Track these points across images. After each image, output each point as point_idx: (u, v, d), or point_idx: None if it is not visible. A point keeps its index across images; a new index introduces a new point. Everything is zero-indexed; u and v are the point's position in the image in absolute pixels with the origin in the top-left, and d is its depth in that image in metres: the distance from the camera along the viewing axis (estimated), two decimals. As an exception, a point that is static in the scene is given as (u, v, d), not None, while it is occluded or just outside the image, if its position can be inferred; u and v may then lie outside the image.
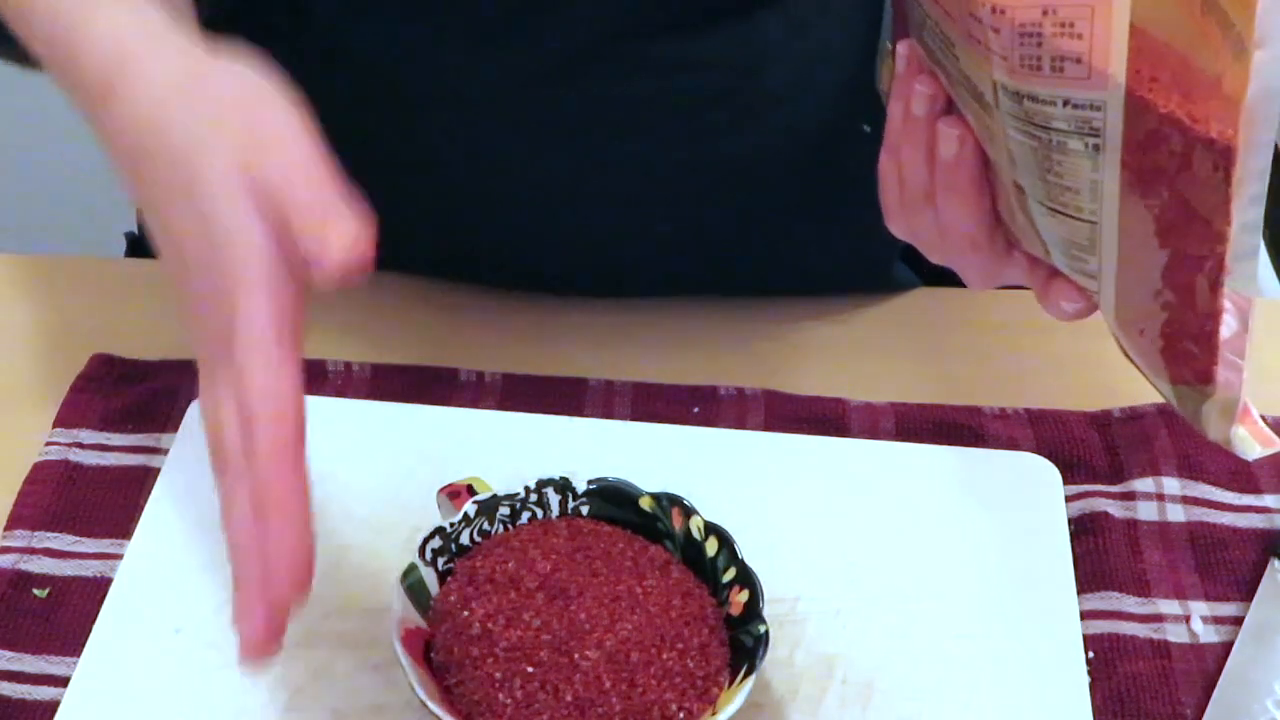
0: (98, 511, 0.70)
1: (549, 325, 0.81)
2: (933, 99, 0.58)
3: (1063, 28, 0.47)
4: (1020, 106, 0.51)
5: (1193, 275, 0.50)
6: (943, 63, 0.55)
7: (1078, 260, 0.55)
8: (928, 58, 0.57)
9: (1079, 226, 0.53)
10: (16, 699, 0.63)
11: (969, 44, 0.51)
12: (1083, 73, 0.48)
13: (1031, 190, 0.54)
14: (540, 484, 0.65)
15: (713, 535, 0.63)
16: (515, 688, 0.58)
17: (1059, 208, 0.53)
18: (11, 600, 0.66)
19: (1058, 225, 0.54)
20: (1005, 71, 0.50)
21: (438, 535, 0.63)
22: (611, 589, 0.61)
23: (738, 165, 0.78)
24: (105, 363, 0.77)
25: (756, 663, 0.59)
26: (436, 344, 0.80)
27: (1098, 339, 0.81)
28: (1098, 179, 0.51)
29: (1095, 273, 0.55)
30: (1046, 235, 0.55)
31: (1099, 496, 0.72)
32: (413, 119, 0.77)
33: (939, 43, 0.54)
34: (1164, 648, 0.66)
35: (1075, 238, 0.54)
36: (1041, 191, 0.53)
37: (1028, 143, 0.52)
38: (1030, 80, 0.49)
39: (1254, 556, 0.70)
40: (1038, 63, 0.49)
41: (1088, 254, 0.54)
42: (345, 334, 0.80)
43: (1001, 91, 0.51)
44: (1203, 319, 0.51)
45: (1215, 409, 0.54)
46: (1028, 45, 0.48)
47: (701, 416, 0.76)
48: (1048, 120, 0.50)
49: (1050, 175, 0.52)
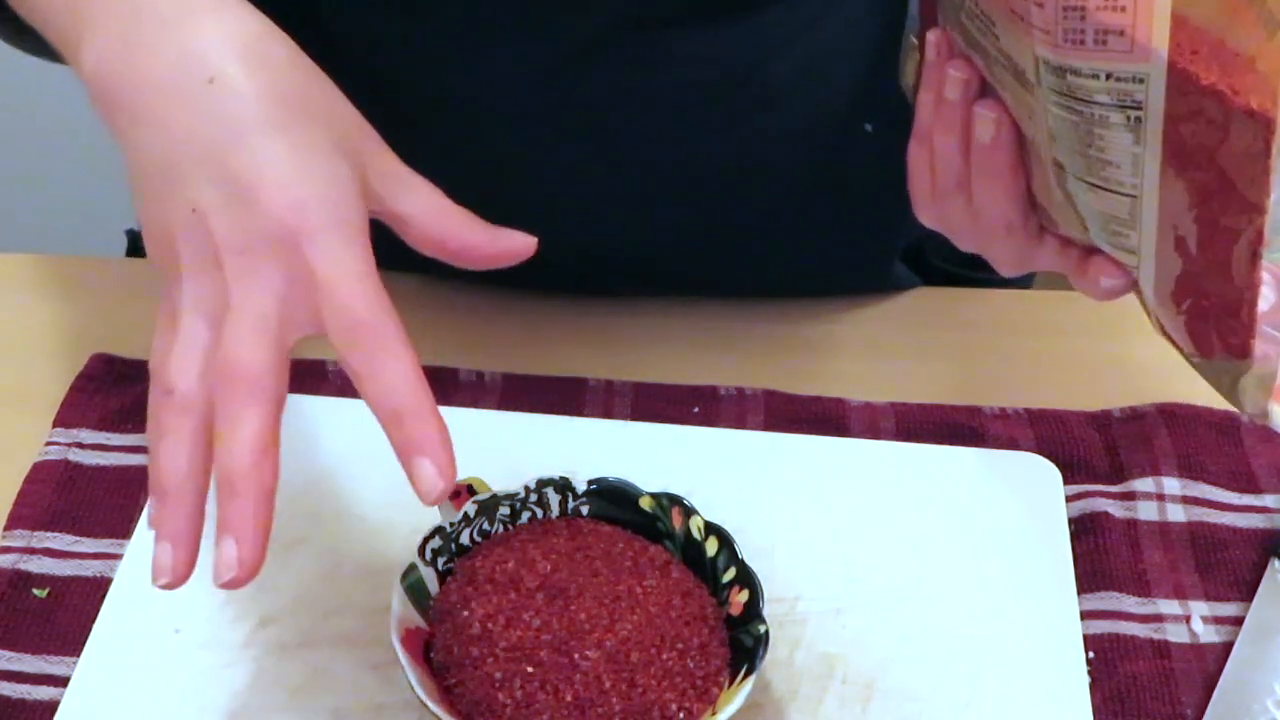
0: (98, 511, 0.70)
1: (549, 325, 0.81)
2: (967, 83, 0.58)
3: (1106, 1, 0.48)
4: (1062, 81, 0.51)
5: (1230, 247, 0.51)
6: (981, 43, 0.55)
7: (1118, 236, 0.55)
8: (963, 42, 0.57)
9: (1120, 201, 0.53)
10: (16, 699, 0.63)
11: (1011, 21, 0.52)
12: (1125, 45, 0.48)
13: (1072, 166, 0.54)
14: (540, 484, 0.65)
15: (713, 535, 0.63)
16: (515, 688, 0.58)
17: (1100, 183, 0.53)
18: (11, 600, 0.66)
19: (1098, 200, 0.54)
20: (1048, 46, 0.50)
21: (438, 535, 0.63)
22: (611, 589, 0.61)
23: (740, 162, 0.78)
24: (105, 363, 0.77)
25: (756, 663, 0.59)
26: (436, 344, 0.80)
27: (1098, 339, 0.81)
28: (1139, 152, 0.51)
29: (1135, 247, 0.55)
30: (1086, 212, 0.56)
31: (1099, 496, 0.72)
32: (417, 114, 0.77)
33: (978, 23, 0.55)
34: (1164, 648, 0.66)
35: (1116, 212, 0.54)
36: (1082, 167, 0.54)
37: (1069, 118, 0.52)
38: (1073, 54, 0.50)
39: (1254, 556, 0.70)
40: (1081, 36, 0.49)
41: (1128, 229, 0.55)
42: (345, 334, 0.80)
43: (1043, 67, 0.51)
44: (1241, 291, 0.52)
45: (1252, 382, 0.55)
46: (1071, 19, 0.49)
47: (701, 416, 0.76)
48: (1090, 94, 0.51)
49: (1091, 150, 0.52)
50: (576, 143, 0.76)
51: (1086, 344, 0.81)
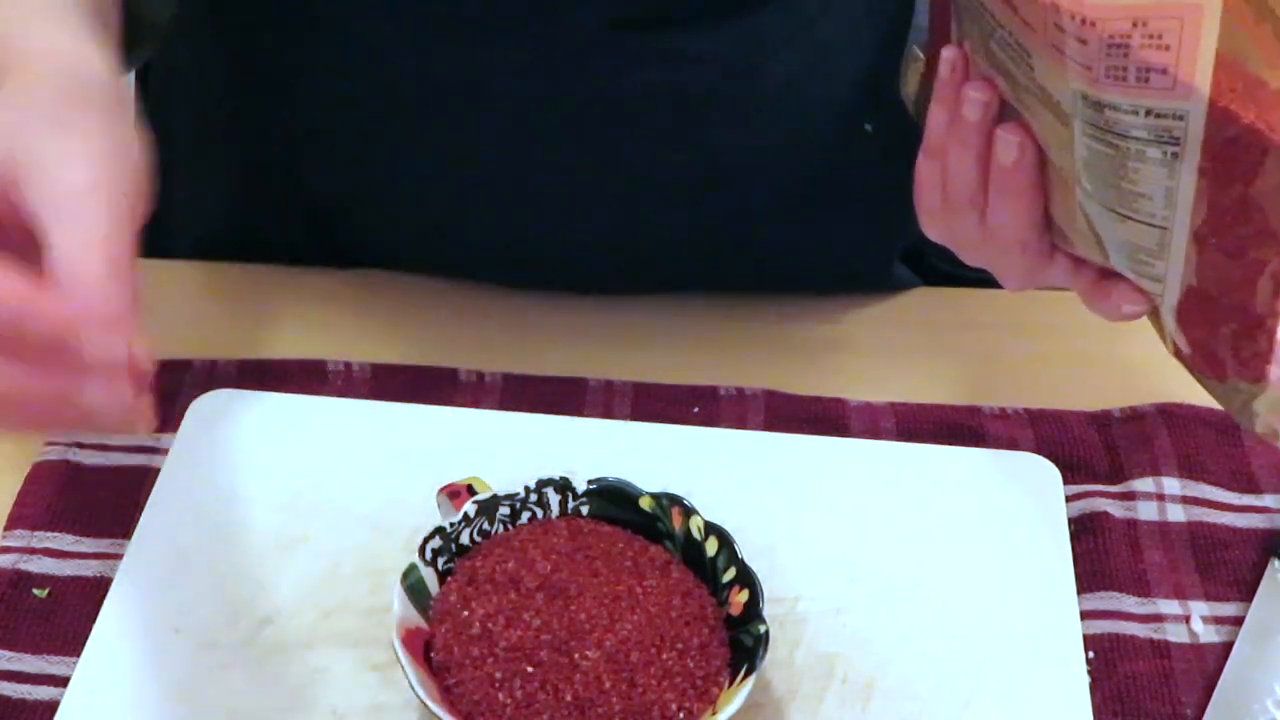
0: (98, 511, 0.70)
1: (549, 325, 0.81)
2: (987, 105, 0.58)
3: (1151, 39, 0.48)
4: (1100, 115, 0.51)
5: (1256, 278, 0.52)
6: (1011, 72, 0.56)
7: (1144, 265, 0.56)
8: (985, 65, 0.57)
9: (1149, 231, 0.54)
10: (16, 699, 0.63)
11: (1048, 54, 0.52)
12: (1168, 83, 0.49)
13: (1102, 197, 0.55)
14: (540, 484, 0.65)
15: (713, 535, 0.63)
16: (515, 688, 0.58)
17: (1130, 214, 0.54)
18: (11, 600, 0.66)
19: (1127, 231, 0.55)
20: (1087, 81, 0.50)
21: (438, 535, 0.63)
22: (611, 589, 0.61)
23: (738, 162, 0.78)
24: (105, 363, 0.76)
25: (756, 663, 0.59)
26: (436, 344, 0.80)
27: (1098, 339, 0.81)
28: (1172, 186, 0.52)
29: (1161, 276, 0.56)
30: (1111, 240, 0.56)
31: (1099, 496, 0.72)
32: (411, 115, 0.77)
33: (1011, 52, 0.55)
34: (1164, 648, 0.66)
35: (1144, 243, 0.55)
36: (1113, 198, 0.54)
37: (1104, 150, 0.53)
38: (1114, 90, 0.50)
39: (1254, 556, 0.70)
40: (1123, 74, 0.49)
41: (1155, 258, 0.55)
42: (345, 334, 0.80)
43: (1081, 101, 0.52)
44: (1262, 319, 0.53)
45: (1265, 405, 0.56)
46: (1114, 56, 0.49)
47: (701, 416, 0.76)
48: (1127, 129, 0.51)
49: (1124, 183, 0.53)
50: (573, 141, 0.76)
51: (1086, 344, 0.80)
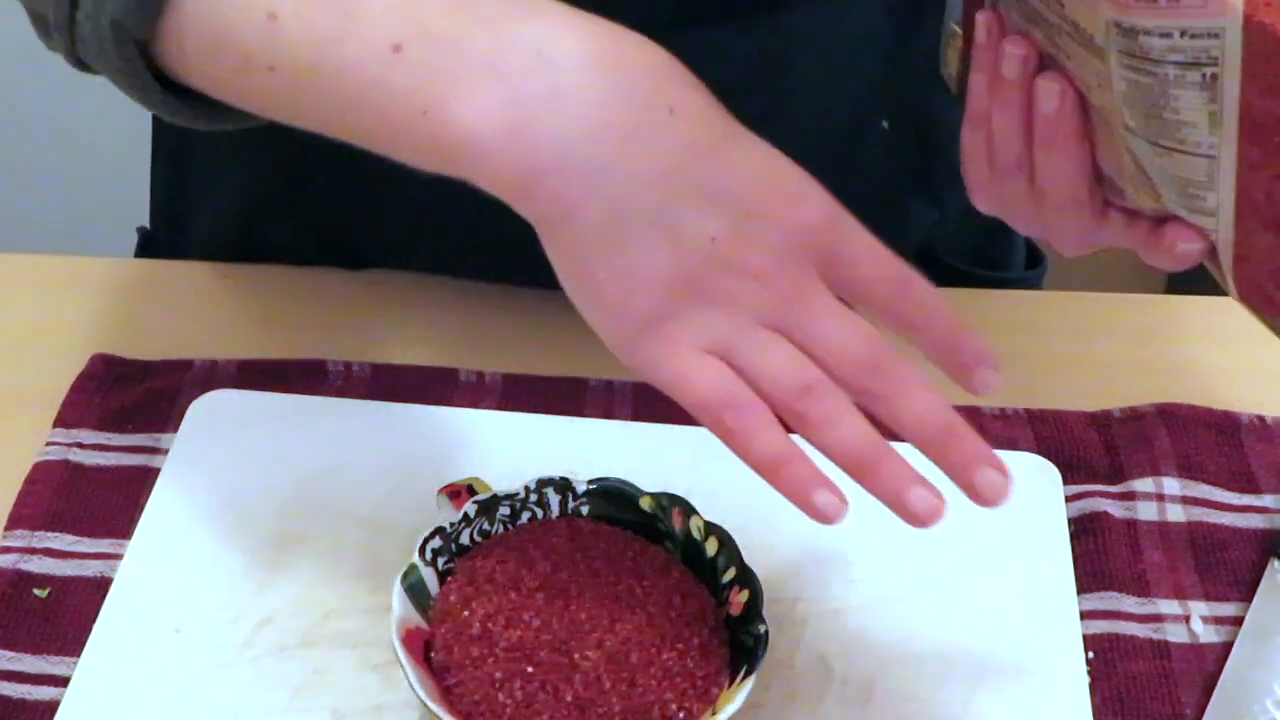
0: (98, 511, 0.70)
1: (549, 325, 0.81)
2: (1025, 59, 0.57)
3: None
4: (1134, 43, 0.51)
5: None
6: (1043, 15, 0.55)
7: (1194, 199, 0.55)
8: (1020, 19, 0.57)
9: (1196, 163, 0.53)
10: (16, 699, 0.63)
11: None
12: (1199, 1, 0.48)
13: (1145, 131, 0.54)
14: (540, 484, 0.65)
15: (713, 535, 0.63)
16: (515, 688, 0.58)
17: (1175, 145, 0.53)
18: (11, 600, 0.66)
19: (1173, 164, 0.54)
20: (1118, 8, 0.50)
21: (438, 535, 0.63)
22: (611, 589, 0.61)
23: None
24: (105, 363, 0.77)
25: (756, 663, 0.59)
26: (436, 344, 0.80)
27: (1098, 339, 0.81)
28: (1215, 110, 0.51)
29: (1213, 209, 0.55)
30: (1160, 178, 0.55)
31: (1099, 496, 0.72)
32: None
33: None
34: (1164, 648, 0.66)
35: (1192, 175, 0.54)
36: (1156, 130, 0.53)
37: (1142, 80, 0.52)
38: (1145, 14, 0.49)
39: (1254, 556, 0.70)
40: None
41: (1206, 189, 0.54)
42: (345, 334, 0.80)
43: (1113, 30, 0.51)
44: None
45: None
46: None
47: (701, 416, 0.76)
48: (1163, 55, 0.50)
49: (1166, 113, 0.52)
50: None
51: (1086, 344, 0.81)
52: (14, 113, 1.63)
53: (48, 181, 1.67)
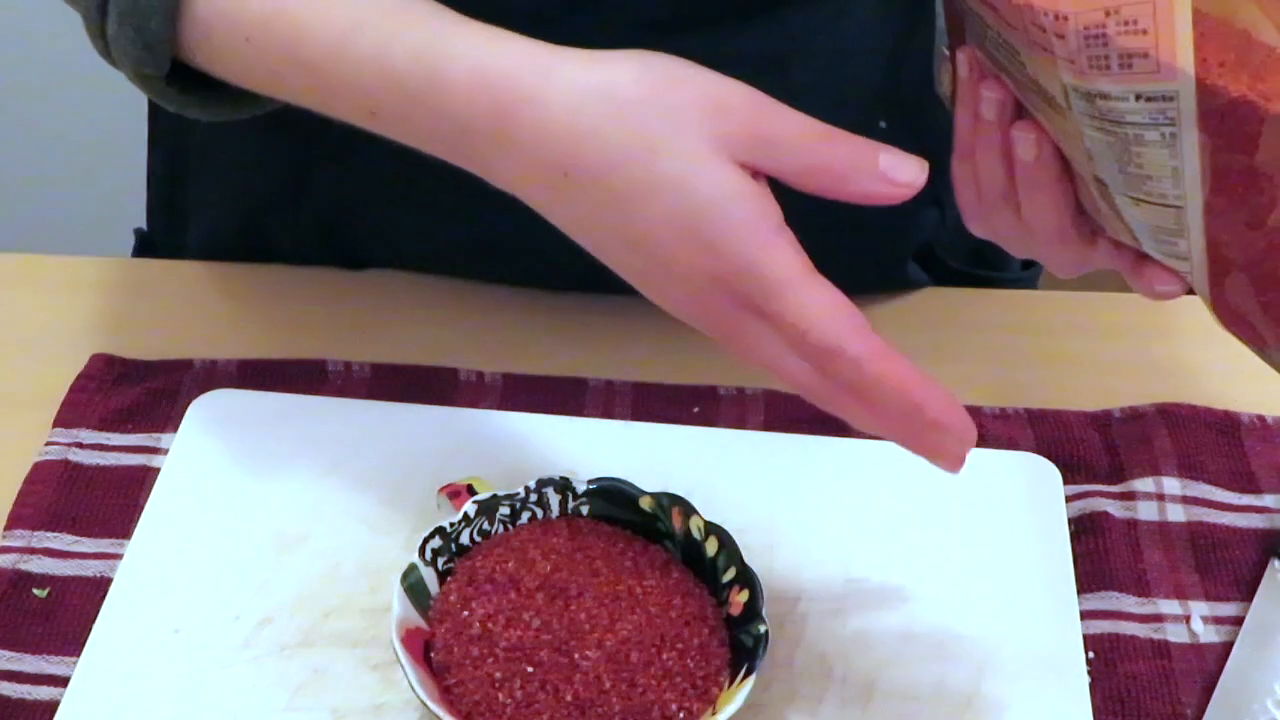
0: (98, 511, 0.70)
1: (549, 325, 0.81)
2: (1002, 104, 0.58)
3: (1126, 25, 0.48)
4: (1093, 105, 0.51)
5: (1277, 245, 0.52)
6: (1009, 69, 0.56)
7: (1167, 244, 0.56)
8: (992, 64, 0.57)
9: (1165, 212, 0.54)
10: (16, 699, 0.63)
11: (1034, 50, 0.52)
12: (1151, 67, 0.48)
13: (1113, 183, 0.55)
14: (540, 484, 0.65)
15: (713, 535, 0.63)
16: (515, 688, 0.58)
17: (1143, 197, 0.54)
18: (11, 600, 0.66)
19: (1144, 213, 0.55)
20: (1074, 74, 0.50)
21: (438, 535, 0.63)
22: (611, 589, 0.61)
23: None
24: (105, 363, 0.77)
25: (756, 663, 0.59)
26: (436, 344, 0.80)
27: (1098, 339, 0.81)
28: (1177, 165, 0.51)
29: (1186, 254, 0.56)
30: (1133, 223, 0.56)
31: (1099, 496, 0.72)
32: None
33: (1003, 51, 0.55)
34: (1164, 648, 0.66)
35: (1162, 223, 0.55)
36: (1123, 183, 0.54)
37: (1104, 138, 0.52)
38: (1100, 79, 0.50)
39: (1254, 556, 0.70)
40: (1105, 62, 0.49)
41: (1177, 237, 0.55)
42: (345, 334, 0.80)
43: (1073, 93, 0.51)
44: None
45: None
46: (1094, 46, 0.49)
47: (701, 416, 0.76)
48: (1122, 115, 0.51)
49: (1130, 167, 0.53)
50: None
51: (1086, 344, 0.81)
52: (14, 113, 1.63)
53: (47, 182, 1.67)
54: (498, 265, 0.83)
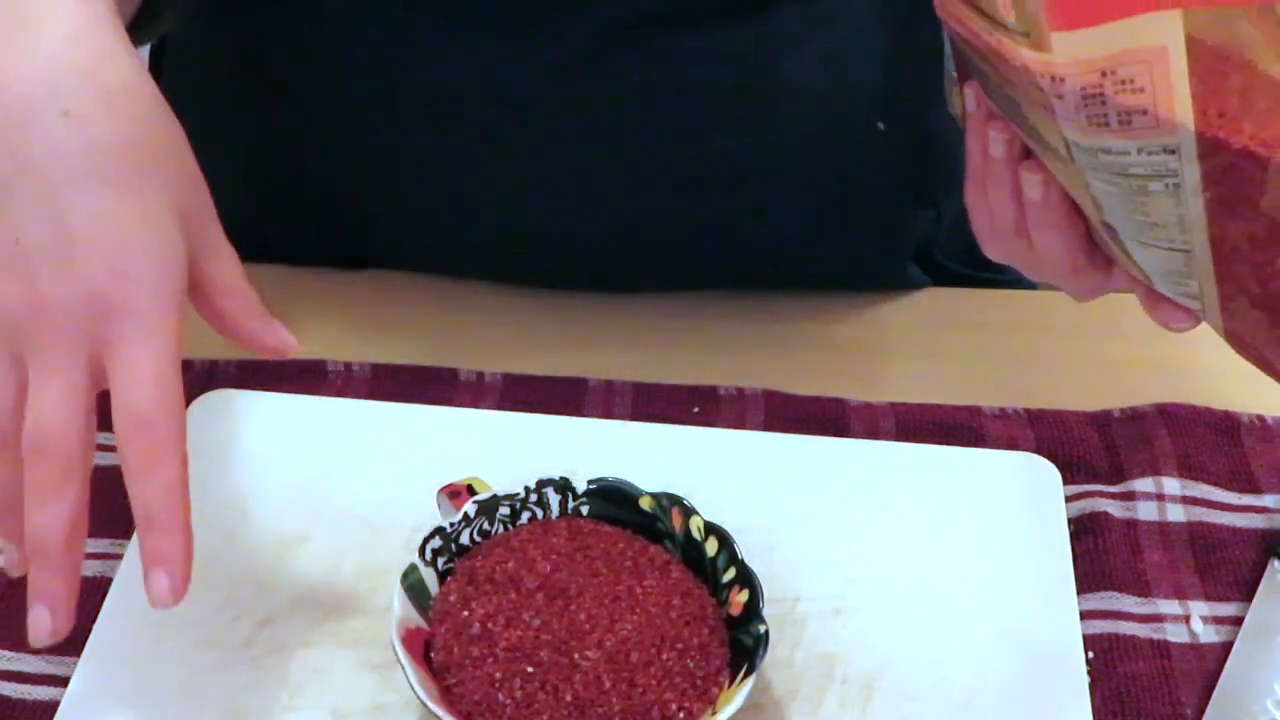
0: (98, 511, 0.69)
1: (549, 325, 0.81)
2: (1009, 143, 0.58)
3: (1123, 84, 0.48)
4: (1095, 159, 0.52)
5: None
6: (1012, 116, 0.56)
7: (1179, 285, 0.57)
8: (997, 108, 0.58)
9: (1173, 256, 0.54)
10: (16, 699, 0.63)
11: (1035, 108, 0.52)
12: (1150, 123, 0.49)
13: (1121, 229, 0.55)
14: (540, 484, 0.65)
15: (713, 535, 0.63)
16: (515, 688, 0.58)
17: (1151, 242, 0.54)
18: (12, 600, 0.66)
19: (1153, 257, 0.55)
20: (1075, 130, 0.51)
21: (438, 535, 0.63)
22: (611, 589, 0.61)
23: (752, 161, 0.78)
24: (105, 363, 0.76)
25: (756, 663, 0.59)
26: (436, 344, 0.80)
27: (1098, 339, 0.81)
28: (1183, 213, 0.52)
29: (1197, 294, 0.56)
30: (1144, 265, 0.57)
31: (1099, 496, 0.72)
32: (423, 112, 0.77)
33: (1005, 103, 0.55)
34: (1164, 648, 0.66)
35: (1172, 266, 0.55)
36: (1130, 230, 0.54)
37: (1109, 188, 0.53)
38: (1100, 135, 0.50)
39: (1254, 556, 0.70)
40: (1105, 119, 0.49)
41: (1186, 278, 0.56)
42: (345, 334, 0.80)
43: (1074, 146, 0.52)
44: None
45: None
46: (1092, 105, 0.49)
47: (701, 416, 0.76)
48: (1125, 168, 0.51)
49: (1137, 215, 0.53)
50: (585, 139, 0.76)
51: (1086, 344, 0.81)
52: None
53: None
54: (498, 266, 0.83)
